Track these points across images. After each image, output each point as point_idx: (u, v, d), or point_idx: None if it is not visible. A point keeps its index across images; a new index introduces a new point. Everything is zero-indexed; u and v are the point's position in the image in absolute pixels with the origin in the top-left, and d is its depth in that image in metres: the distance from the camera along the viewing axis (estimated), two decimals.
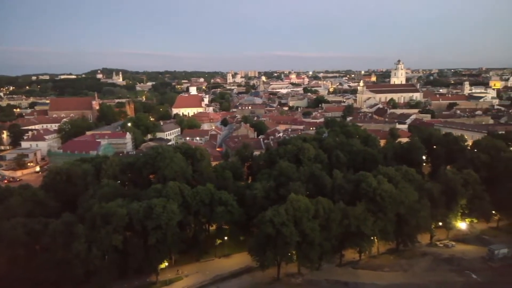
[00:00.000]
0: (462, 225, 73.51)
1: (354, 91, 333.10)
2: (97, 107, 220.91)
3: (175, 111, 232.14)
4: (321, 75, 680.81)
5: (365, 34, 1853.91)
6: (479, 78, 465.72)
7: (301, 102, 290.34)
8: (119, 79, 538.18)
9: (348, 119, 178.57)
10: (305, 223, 55.85)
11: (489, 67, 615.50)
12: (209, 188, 67.32)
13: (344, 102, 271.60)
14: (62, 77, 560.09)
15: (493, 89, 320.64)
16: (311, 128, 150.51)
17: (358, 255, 65.20)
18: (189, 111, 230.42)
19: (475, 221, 75.16)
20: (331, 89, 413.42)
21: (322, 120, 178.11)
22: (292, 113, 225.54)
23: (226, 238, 69.06)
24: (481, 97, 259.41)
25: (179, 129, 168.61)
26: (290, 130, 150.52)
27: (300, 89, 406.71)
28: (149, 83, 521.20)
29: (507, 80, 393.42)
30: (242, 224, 67.24)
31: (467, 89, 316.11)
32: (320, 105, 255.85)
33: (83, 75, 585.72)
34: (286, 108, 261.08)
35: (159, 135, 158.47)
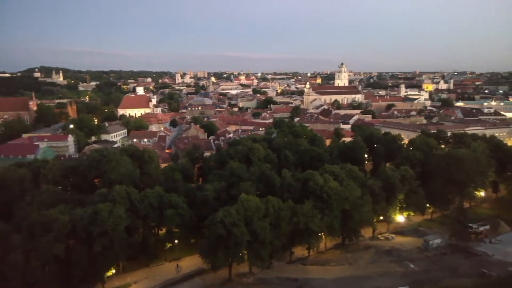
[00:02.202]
0: (400, 218, 78.72)
1: (301, 93, 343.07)
2: (35, 108, 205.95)
3: (121, 112, 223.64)
4: (269, 76, 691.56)
5: (311, 36, 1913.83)
6: (414, 81, 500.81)
7: (250, 103, 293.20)
8: (59, 78, 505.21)
9: (296, 119, 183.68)
10: (255, 222, 56.62)
11: (422, 71, 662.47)
12: (158, 191, 65.85)
13: (291, 103, 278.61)
14: None
15: (426, 91, 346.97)
16: (261, 129, 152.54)
17: (307, 252, 67.36)
18: (136, 112, 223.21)
19: (412, 214, 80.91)
20: (279, 91, 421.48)
21: (271, 120, 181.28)
22: (242, 114, 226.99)
23: (176, 241, 67.93)
24: (416, 99, 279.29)
25: (126, 130, 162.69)
26: (240, 130, 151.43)
27: (249, 90, 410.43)
28: (93, 83, 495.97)
29: (437, 83, 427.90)
30: (192, 226, 66.52)
31: (403, 91, 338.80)
32: (269, 106, 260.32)
33: (19, 74, 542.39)
34: (236, 109, 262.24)
35: (104, 137, 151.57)
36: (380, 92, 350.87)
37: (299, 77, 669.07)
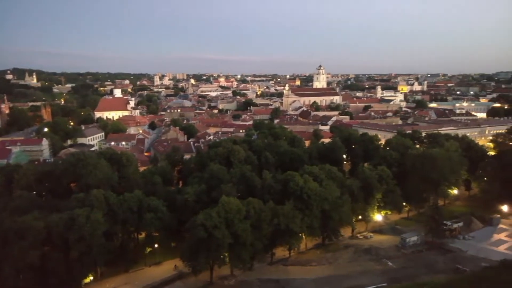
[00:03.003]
0: (378, 217, 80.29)
1: (280, 95, 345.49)
2: (7, 111, 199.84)
3: (98, 114, 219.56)
4: (249, 78, 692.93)
5: (289, 39, 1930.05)
6: (389, 83, 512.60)
7: (230, 105, 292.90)
8: (33, 80, 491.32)
9: (276, 121, 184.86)
10: (237, 224, 56.55)
11: (397, 73, 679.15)
12: (137, 195, 64.85)
13: (271, 105, 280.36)
14: None
15: (401, 92, 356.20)
16: (241, 131, 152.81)
17: (288, 252, 67.80)
18: (114, 115, 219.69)
19: (389, 213, 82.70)
20: (259, 93, 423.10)
21: (251, 122, 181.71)
22: (222, 116, 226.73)
23: (156, 245, 67.10)
24: (391, 100, 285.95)
25: (103, 133, 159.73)
26: (220, 132, 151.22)
27: (229, 92, 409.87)
28: (69, 85, 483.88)
29: (412, 85, 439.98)
30: (173, 230, 65.92)
31: (379, 92, 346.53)
32: (248, 108, 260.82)
33: None
34: (216, 111, 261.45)
35: (81, 140, 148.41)
36: (357, 94, 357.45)
37: (278, 79, 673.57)
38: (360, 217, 76.69)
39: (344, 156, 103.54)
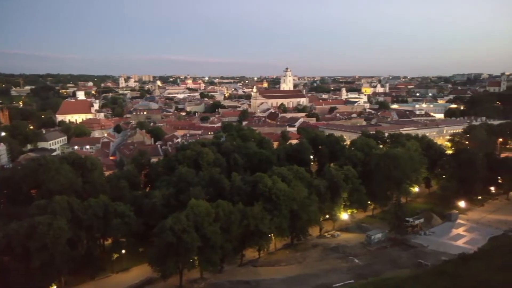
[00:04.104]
0: (344, 216, 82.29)
1: (248, 97, 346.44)
2: None
3: (60, 118, 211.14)
4: (216, 80, 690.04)
5: (257, 41, 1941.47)
6: (354, 85, 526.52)
7: (198, 107, 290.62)
8: None
9: (244, 123, 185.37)
10: (206, 227, 56.36)
11: (361, 75, 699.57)
12: (102, 200, 63.08)
13: (239, 107, 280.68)
14: None
15: (365, 94, 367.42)
16: (209, 133, 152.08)
17: (258, 253, 68.33)
18: (77, 118, 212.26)
19: (355, 211, 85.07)
20: (226, 95, 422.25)
21: (219, 124, 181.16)
22: (190, 118, 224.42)
23: (123, 251, 65.53)
24: (356, 102, 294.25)
25: (66, 137, 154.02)
26: (188, 135, 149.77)
27: (196, 94, 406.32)
28: (28, 87, 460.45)
29: (375, 87, 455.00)
30: (140, 235, 64.57)
31: (344, 94, 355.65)
32: (217, 110, 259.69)
33: None
34: (183, 113, 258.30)
35: (42, 144, 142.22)
36: (323, 96, 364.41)
37: (246, 81, 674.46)
38: (327, 216, 78.34)
39: (311, 157, 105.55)
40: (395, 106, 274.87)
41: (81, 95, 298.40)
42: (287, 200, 66.21)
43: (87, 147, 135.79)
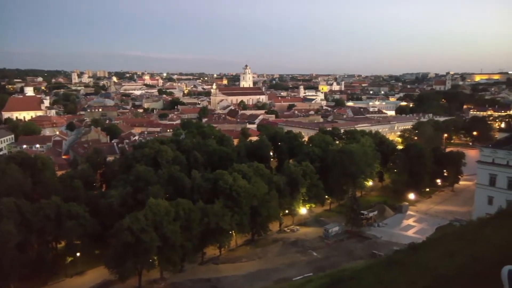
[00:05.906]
0: (303, 210, 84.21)
1: (208, 94, 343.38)
2: None
3: (6, 115, 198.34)
4: (175, 77, 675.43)
5: (216, 38, 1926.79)
6: (311, 83, 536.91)
7: (156, 104, 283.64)
8: None
9: (204, 120, 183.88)
10: (165, 226, 55.58)
11: (318, 74, 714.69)
12: (54, 201, 60.33)
13: (199, 104, 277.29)
14: None
15: (322, 92, 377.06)
16: (168, 130, 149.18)
17: (219, 251, 68.40)
18: (26, 115, 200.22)
19: (313, 206, 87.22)
20: (186, 91, 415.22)
21: (178, 122, 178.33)
22: (148, 115, 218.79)
23: (78, 254, 63.00)
24: (313, 99, 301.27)
25: (13, 136, 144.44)
26: (146, 133, 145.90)
27: (154, 91, 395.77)
28: None
29: (331, 85, 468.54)
30: (96, 236, 62.43)
31: (302, 92, 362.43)
32: (176, 107, 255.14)
33: None
34: (141, 110, 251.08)
35: None
36: (282, 93, 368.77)
37: (206, 78, 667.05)
38: (287, 211, 79.83)
39: (271, 153, 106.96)
40: (350, 103, 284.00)
41: (29, 91, 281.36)
42: (247, 196, 66.77)
43: (37, 146, 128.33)
